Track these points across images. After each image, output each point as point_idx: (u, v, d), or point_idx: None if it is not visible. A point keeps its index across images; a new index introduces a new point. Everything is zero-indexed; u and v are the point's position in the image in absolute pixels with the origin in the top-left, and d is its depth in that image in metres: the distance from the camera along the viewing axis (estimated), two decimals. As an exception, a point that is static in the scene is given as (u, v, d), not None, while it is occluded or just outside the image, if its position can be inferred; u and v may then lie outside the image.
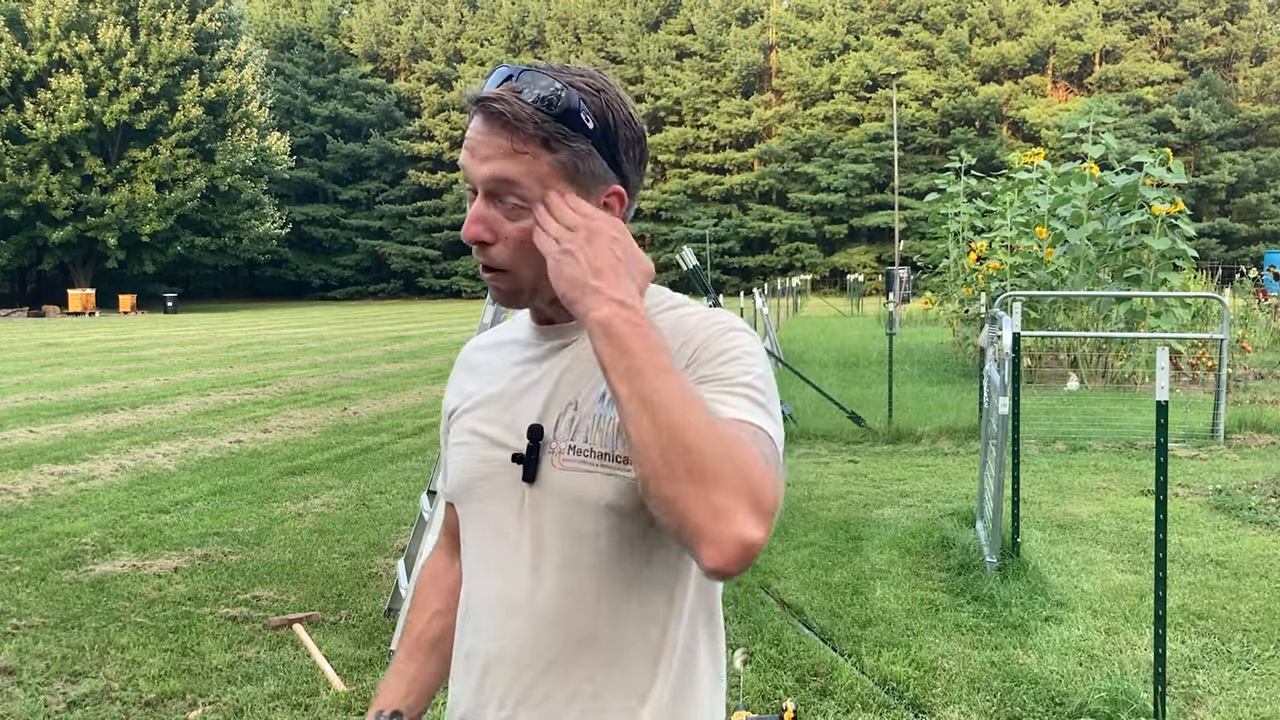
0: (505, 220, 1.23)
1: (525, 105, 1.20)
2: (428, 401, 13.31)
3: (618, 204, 1.27)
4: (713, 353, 1.21)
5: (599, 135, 1.23)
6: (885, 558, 5.97)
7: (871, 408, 11.10)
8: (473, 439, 1.33)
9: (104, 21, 47.59)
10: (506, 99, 1.20)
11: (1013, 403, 5.64)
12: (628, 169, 1.27)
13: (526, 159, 1.21)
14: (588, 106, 1.22)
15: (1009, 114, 63.62)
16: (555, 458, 1.25)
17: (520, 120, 1.20)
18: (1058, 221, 14.35)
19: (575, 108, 1.21)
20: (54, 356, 20.82)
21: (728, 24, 67.57)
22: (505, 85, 1.22)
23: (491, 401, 1.33)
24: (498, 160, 1.21)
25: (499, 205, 1.23)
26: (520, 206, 1.22)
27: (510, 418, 1.30)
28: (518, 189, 1.21)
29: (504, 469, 1.28)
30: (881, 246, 62.06)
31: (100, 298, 46.65)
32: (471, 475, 1.32)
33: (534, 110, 1.20)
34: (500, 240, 1.24)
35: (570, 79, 1.23)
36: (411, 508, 7.31)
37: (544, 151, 1.21)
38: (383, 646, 4.61)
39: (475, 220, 1.24)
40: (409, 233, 67.33)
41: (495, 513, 1.29)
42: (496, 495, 1.29)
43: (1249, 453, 9.28)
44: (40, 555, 6.17)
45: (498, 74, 1.25)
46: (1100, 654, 4.50)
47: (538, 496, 1.25)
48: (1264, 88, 60.85)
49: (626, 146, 1.26)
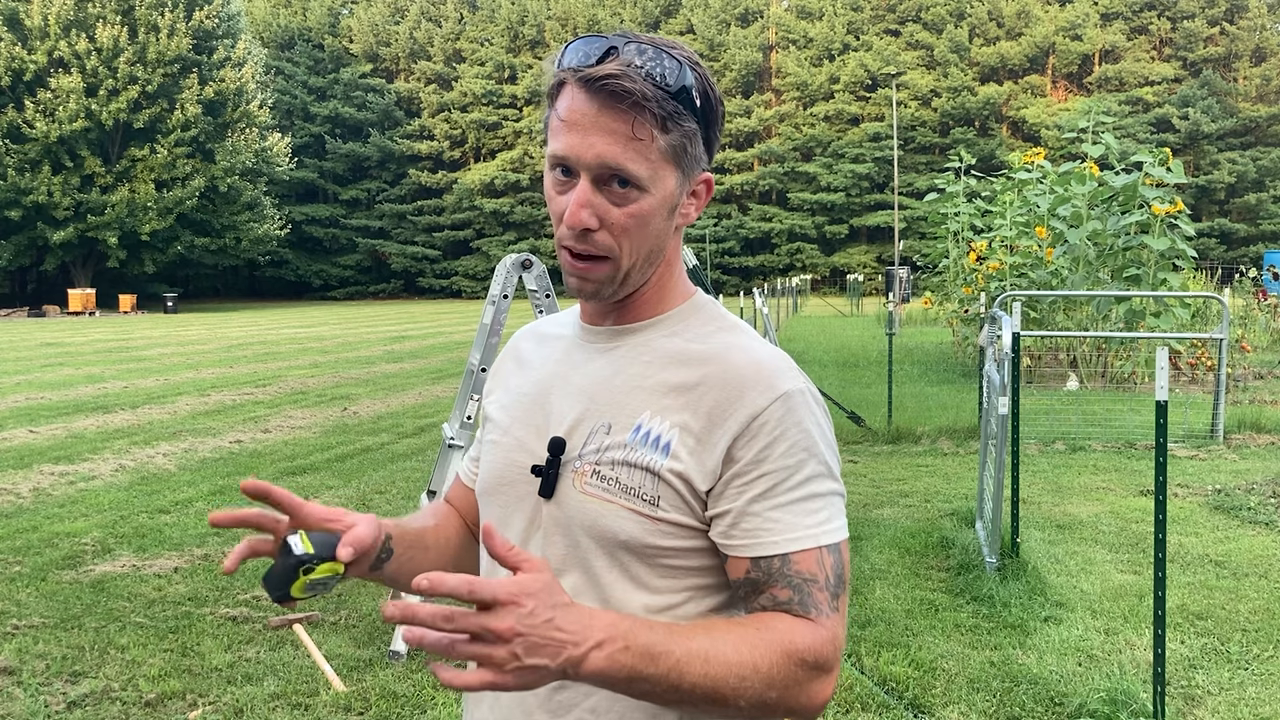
0: (611, 206, 1.15)
1: (648, 85, 1.11)
2: (428, 401, 13.30)
3: (705, 191, 1.22)
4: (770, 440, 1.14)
5: (702, 114, 1.16)
6: (885, 558, 5.97)
7: (871, 408, 11.10)
8: (504, 439, 1.29)
9: (102, 20, 47.57)
10: (631, 77, 1.10)
11: (1012, 403, 5.64)
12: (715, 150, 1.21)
13: (643, 144, 1.12)
14: (695, 82, 1.14)
15: (1009, 114, 63.63)
16: (578, 478, 1.19)
17: (646, 100, 1.11)
18: (1057, 221, 14.35)
19: (689, 84, 1.13)
20: (54, 356, 20.81)
21: (727, 24, 67.58)
22: (616, 60, 1.12)
23: (529, 401, 1.28)
24: (616, 145, 1.12)
25: (603, 189, 1.14)
26: (629, 190, 1.14)
27: (542, 420, 1.25)
28: (630, 174, 1.13)
29: (524, 478, 1.24)
30: (881, 246, 62.08)
31: (100, 298, 46.66)
32: (496, 479, 1.28)
33: (655, 89, 1.11)
34: (605, 227, 1.16)
35: (670, 50, 1.15)
36: (411, 508, 7.31)
37: (660, 134, 1.13)
38: (383, 646, 4.62)
39: (583, 205, 1.14)
40: (409, 232, 67.32)
41: (511, 521, 1.25)
42: (515, 504, 1.25)
43: (1248, 453, 9.28)
44: (40, 555, 6.17)
45: (596, 45, 1.14)
46: (1099, 654, 4.50)
47: (553, 514, 1.21)
48: (1263, 88, 60.85)
49: (720, 125, 1.21)
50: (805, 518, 1.13)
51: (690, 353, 1.20)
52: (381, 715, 3.97)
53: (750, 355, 1.19)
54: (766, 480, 1.13)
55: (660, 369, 1.20)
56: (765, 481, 1.13)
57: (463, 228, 67.24)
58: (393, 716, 3.96)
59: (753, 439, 1.13)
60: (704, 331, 1.23)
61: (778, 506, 1.13)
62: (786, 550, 1.13)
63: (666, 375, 1.20)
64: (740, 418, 1.14)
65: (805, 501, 1.13)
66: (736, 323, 1.25)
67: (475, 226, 67.05)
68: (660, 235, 1.20)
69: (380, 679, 4.27)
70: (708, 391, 1.16)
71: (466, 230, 67.14)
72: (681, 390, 1.18)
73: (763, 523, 1.13)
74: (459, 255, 67.46)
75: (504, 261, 4.71)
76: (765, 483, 1.13)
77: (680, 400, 1.17)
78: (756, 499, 1.13)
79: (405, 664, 4.43)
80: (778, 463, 1.13)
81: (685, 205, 1.21)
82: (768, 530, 1.13)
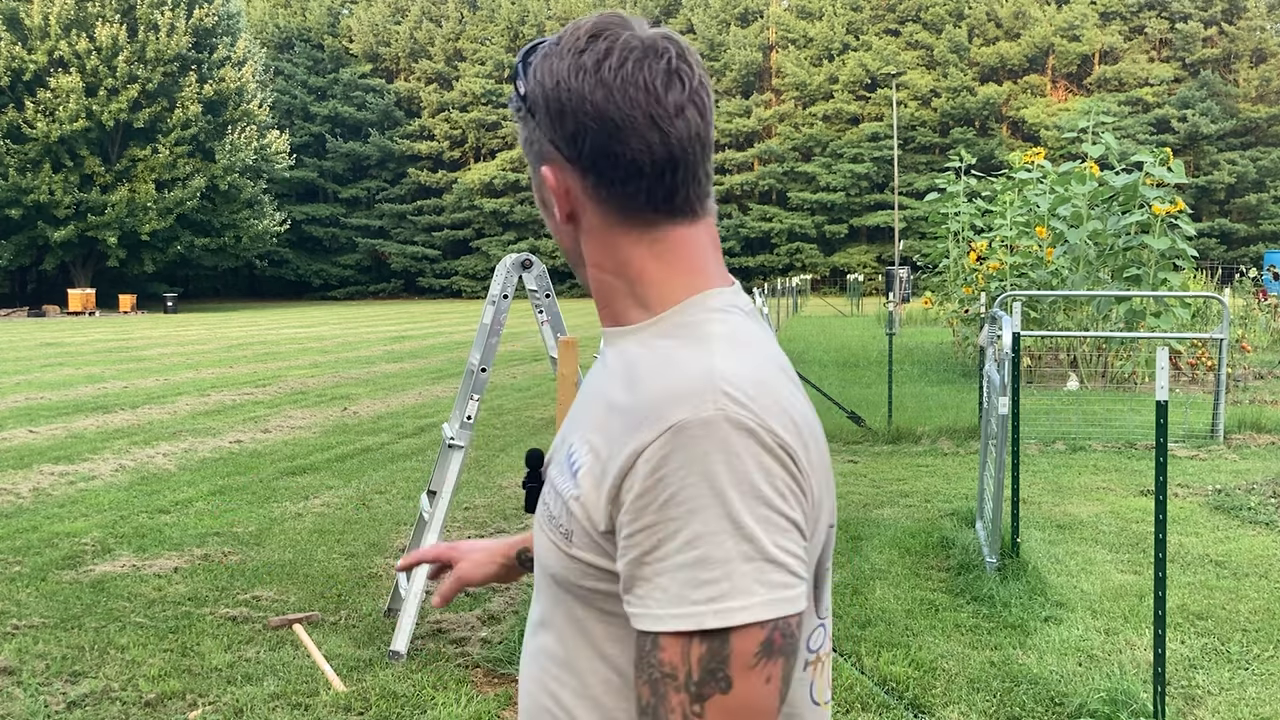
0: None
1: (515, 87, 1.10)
2: (428, 401, 13.30)
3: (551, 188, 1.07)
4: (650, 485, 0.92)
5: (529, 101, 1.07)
6: (885, 558, 5.97)
7: (871, 408, 11.10)
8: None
9: (102, 19, 47.57)
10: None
11: (1012, 403, 5.64)
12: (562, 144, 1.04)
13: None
14: (522, 68, 1.07)
15: (1008, 114, 63.62)
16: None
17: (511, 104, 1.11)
18: (1058, 221, 14.34)
19: (516, 75, 1.08)
20: (54, 356, 20.81)
21: (727, 24, 67.55)
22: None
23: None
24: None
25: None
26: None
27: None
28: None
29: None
30: (881, 246, 62.06)
31: (100, 297, 46.65)
32: None
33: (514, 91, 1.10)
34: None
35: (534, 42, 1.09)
36: (411, 508, 7.31)
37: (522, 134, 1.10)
38: (383, 646, 4.61)
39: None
40: (409, 232, 67.32)
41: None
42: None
43: (1248, 453, 9.28)
44: (40, 555, 6.17)
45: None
46: (1100, 654, 4.50)
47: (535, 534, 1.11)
48: (1263, 88, 60.83)
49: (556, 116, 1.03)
50: (690, 590, 0.89)
51: (639, 366, 1.02)
52: (381, 715, 3.97)
53: (674, 372, 0.97)
54: (645, 537, 0.92)
55: (612, 381, 1.05)
56: (644, 538, 0.92)
57: (462, 227, 67.23)
58: (393, 716, 3.96)
59: (635, 482, 0.93)
60: (668, 342, 1.03)
61: (664, 572, 0.91)
62: (654, 629, 0.91)
63: (613, 390, 1.03)
64: (628, 452, 0.94)
65: (692, 569, 0.89)
66: (711, 333, 1.02)
67: (475, 226, 67.03)
68: (561, 235, 1.11)
69: (380, 679, 4.27)
70: (623, 414, 0.98)
71: (466, 230, 67.13)
72: (613, 409, 1.01)
73: (650, 589, 0.92)
74: (459, 255, 67.44)
75: (504, 261, 4.71)
76: (645, 540, 0.92)
77: (608, 420, 1.01)
78: (640, 559, 0.92)
79: (405, 664, 4.43)
80: (657, 514, 0.91)
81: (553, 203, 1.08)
82: (644, 600, 0.92)
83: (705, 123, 1.04)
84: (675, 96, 1.01)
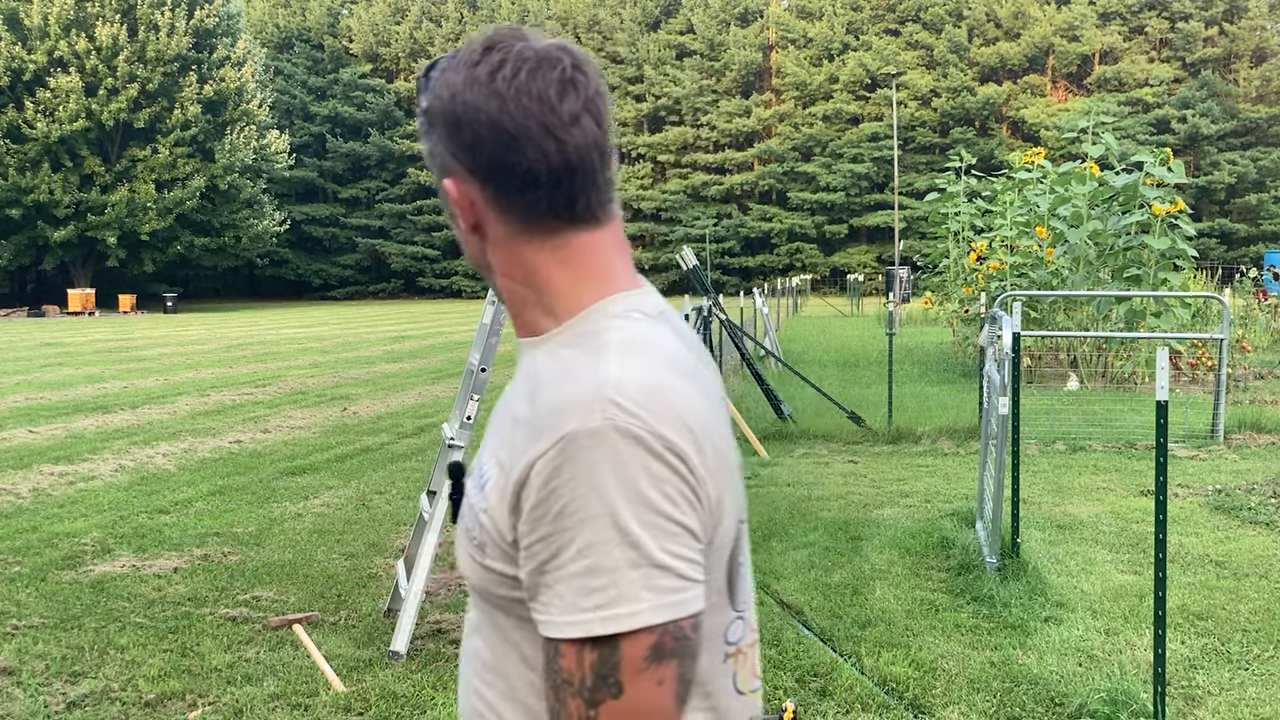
0: None
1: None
2: (428, 401, 13.30)
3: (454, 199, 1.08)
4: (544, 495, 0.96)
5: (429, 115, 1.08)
6: (885, 558, 5.97)
7: (871, 408, 11.10)
8: None
9: (102, 19, 47.57)
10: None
11: (1012, 403, 5.64)
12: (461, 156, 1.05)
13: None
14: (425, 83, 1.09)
15: (1008, 114, 63.62)
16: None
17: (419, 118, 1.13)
18: (1058, 221, 14.34)
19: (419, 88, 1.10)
20: (54, 356, 20.81)
21: (727, 24, 67.55)
22: None
23: None
24: None
25: None
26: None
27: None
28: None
29: None
30: (881, 246, 62.07)
31: (100, 297, 46.65)
32: None
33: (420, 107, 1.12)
34: None
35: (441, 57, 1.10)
36: (411, 508, 7.31)
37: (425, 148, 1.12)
38: (382, 647, 4.61)
39: None
40: (409, 232, 67.32)
41: None
42: None
43: (1249, 453, 9.27)
44: (40, 555, 6.17)
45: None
46: (1100, 654, 4.49)
47: None
48: (1263, 88, 60.82)
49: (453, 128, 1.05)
50: (581, 598, 0.92)
51: (542, 377, 1.03)
52: (381, 715, 3.97)
53: (568, 383, 0.99)
54: (543, 547, 0.95)
55: (518, 394, 1.07)
56: (542, 549, 0.95)
57: (462, 227, 67.25)
58: (393, 716, 3.96)
59: (530, 492, 0.96)
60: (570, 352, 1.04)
61: (560, 580, 0.94)
62: (555, 636, 0.95)
63: (518, 402, 1.06)
64: (523, 463, 0.97)
65: (583, 578, 0.93)
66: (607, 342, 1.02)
67: (475, 226, 67.03)
68: (468, 245, 1.12)
69: (380, 679, 4.27)
70: (524, 426, 1.01)
71: (466, 230, 67.13)
72: (516, 422, 1.03)
73: (550, 597, 0.95)
74: (459, 255, 67.00)
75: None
76: (543, 550, 0.95)
77: (513, 433, 1.03)
78: (540, 568, 0.96)
79: (405, 664, 4.43)
80: (552, 525, 0.94)
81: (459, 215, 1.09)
82: (546, 608, 0.96)
83: (602, 130, 1.05)
84: (570, 105, 1.03)
